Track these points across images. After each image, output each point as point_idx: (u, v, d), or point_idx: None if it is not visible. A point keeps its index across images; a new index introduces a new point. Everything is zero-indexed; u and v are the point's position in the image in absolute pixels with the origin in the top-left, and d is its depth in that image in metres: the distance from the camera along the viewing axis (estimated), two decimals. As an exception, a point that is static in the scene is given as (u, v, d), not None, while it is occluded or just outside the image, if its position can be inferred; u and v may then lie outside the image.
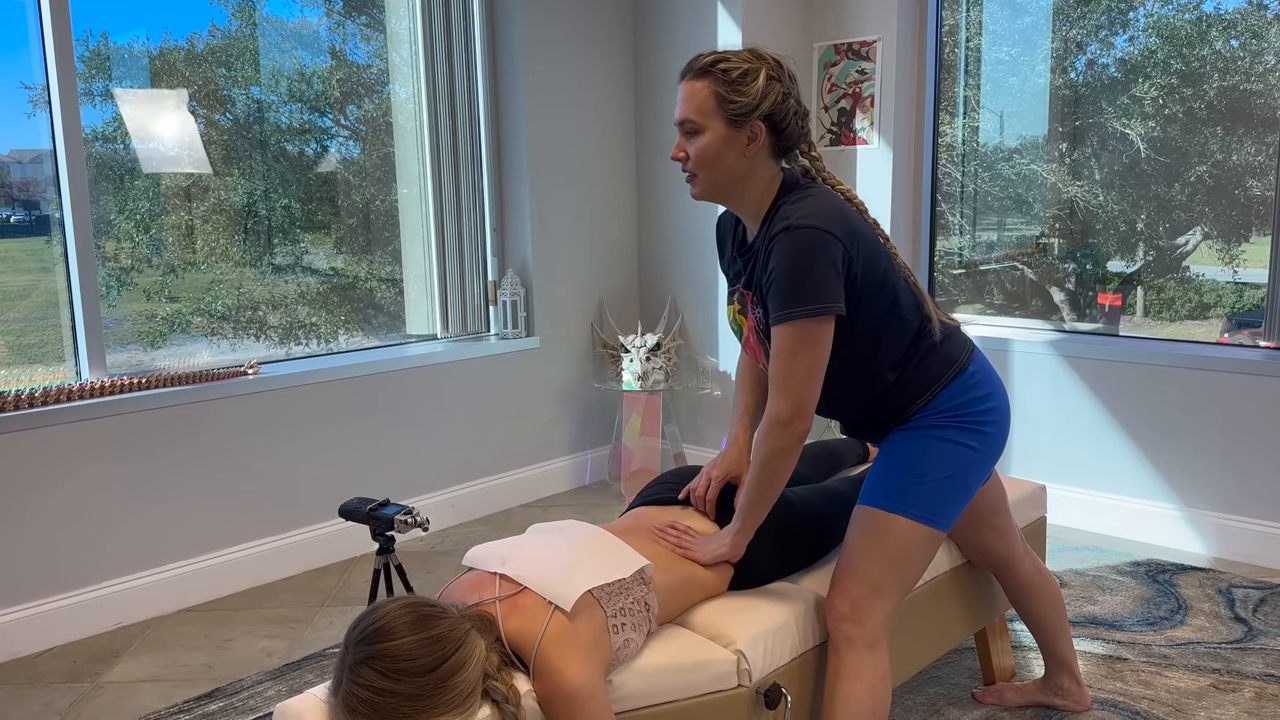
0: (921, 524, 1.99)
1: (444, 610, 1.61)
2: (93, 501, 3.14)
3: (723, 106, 1.88)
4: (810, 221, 1.84)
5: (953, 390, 2.02)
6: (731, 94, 1.87)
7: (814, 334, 1.85)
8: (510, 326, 4.25)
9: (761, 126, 1.90)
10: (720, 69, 1.88)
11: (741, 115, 1.88)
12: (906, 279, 2.04)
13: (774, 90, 1.89)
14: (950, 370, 2.03)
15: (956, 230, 4.38)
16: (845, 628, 1.98)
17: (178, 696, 2.75)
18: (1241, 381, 3.49)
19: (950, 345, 2.06)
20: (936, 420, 2.02)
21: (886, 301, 1.96)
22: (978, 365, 2.08)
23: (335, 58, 3.95)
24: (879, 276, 1.93)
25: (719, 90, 1.88)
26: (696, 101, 1.89)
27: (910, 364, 2.02)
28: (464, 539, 3.92)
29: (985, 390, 2.05)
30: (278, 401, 3.53)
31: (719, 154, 1.90)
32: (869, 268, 1.91)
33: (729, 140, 1.89)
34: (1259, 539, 3.50)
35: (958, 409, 2.02)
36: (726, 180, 1.94)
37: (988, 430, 2.04)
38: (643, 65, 4.53)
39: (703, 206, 4.36)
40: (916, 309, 2.02)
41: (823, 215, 1.85)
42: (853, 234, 1.87)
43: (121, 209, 3.48)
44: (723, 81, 1.88)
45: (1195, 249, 3.89)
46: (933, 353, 2.03)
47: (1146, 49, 3.84)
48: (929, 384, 2.02)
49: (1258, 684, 2.67)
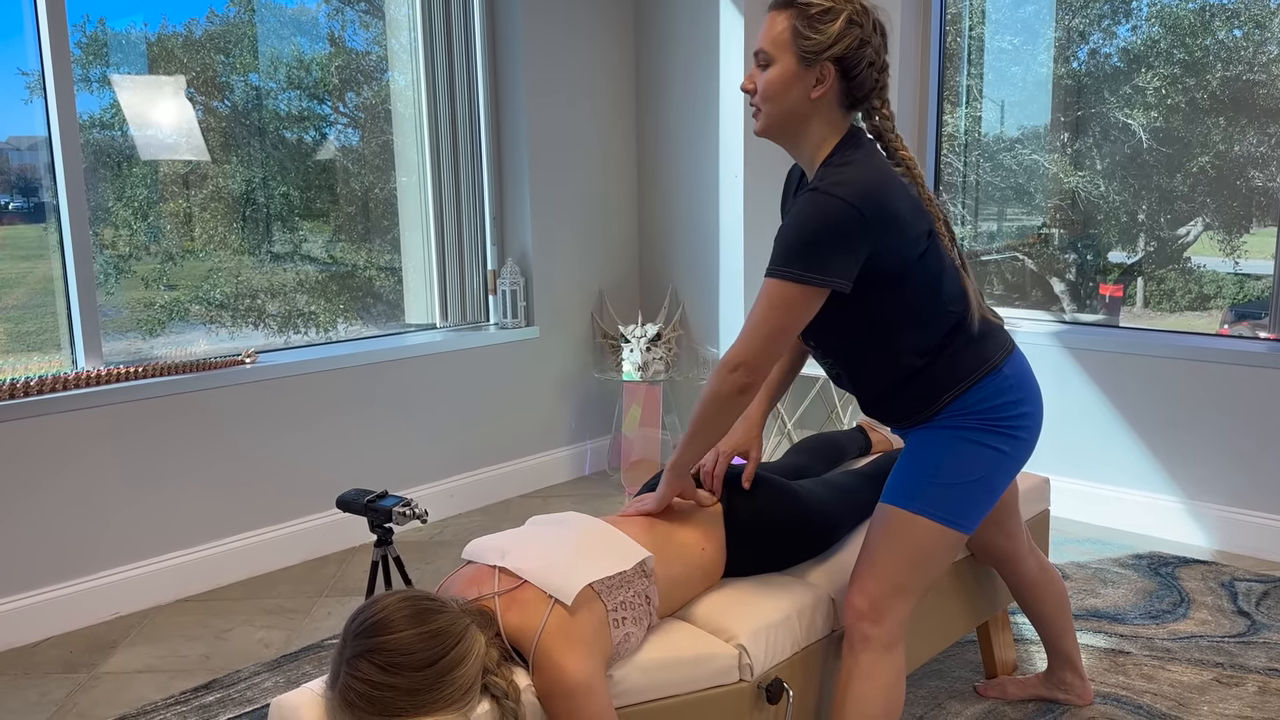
0: (946, 526, 1.94)
1: (443, 604, 1.60)
2: (89, 491, 3.13)
3: (796, 41, 1.83)
4: (839, 191, 1.78)
5: (984, 391, 1.96)
6: (808, 29, 1.82)
7: (793, 298, 1.80)
8: (510, 316, 4.23)
9: (832, 69, 1.84)
10: (803, 3, 1.84)
11: (813, 53, 1.83)
12: (955, 267, 1.98)
13: (851, 34, 1.83)
14: (983, 368, 1.96)
15: (958, 220, 4.36)
16: (863, 626, 1.95)
17: (175, 687, 2.74)
18: (1243, 373, 3.48)
19: (989, 343, 1.98)
20: (968, 421, 1.95)
21: (923, 284, 1.90)
22: (1014, 368, 2.00)
23: (334, 44, 3.92)
24: (913, 262, 1.87)
25: (796, 24, 1.83)
26: (774, 33, 1.85)
27: (943, 355, 1.95)
28: (463, 530, 3.91)
29: (1019, 394, 1.98)
30: (276, 391, 3.51)
31: (785, 90, 1.86)
32: (901, 250, 1.84)
33: (797, 77, 1.85)
34: (1262, 531, 3.49)
35: (990, 411, 1.95)
36: (788, 118, 1.89)
37: (1020, 435, 1.98)
38: (643, 52, 4.50)
39: (703, 198, 4.34)
40: (960, 299, 1.96)
41: (857, 188, 1.78)
42: (885, 214, 1.80)
43: (119, 196, 3.46)
44: (802, 16, 1.83)
45: (1196, 240, 3.88)
46: (968, 347, 1.96)
47: (1149, 38, 3.82)
48: (959, 379, 1.95)
49: (1261, 678, 2.66)
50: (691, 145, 4.37)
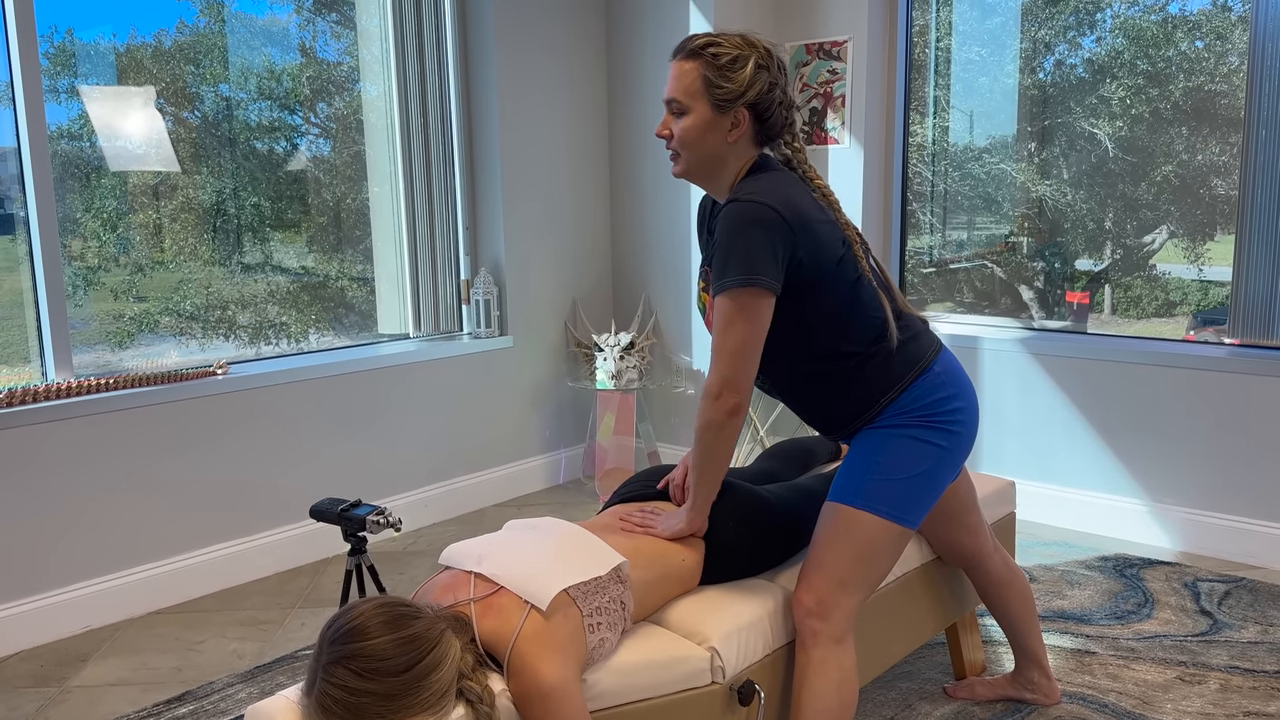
0: (889, 521, 2.00)
1: (419, 610, 1.61)
2: (59, 504, 3.11)
3: (709, 90, 1.90)
4: (755, 196, 1.85)
5: (918, 390, 2.03)
6: (719, 79, 1.89)
7: (746, 305, 1.85)
8: (483, 325, 4.24)
9: (746, 113, 1.92)
10: (710, 52, 1.90)
11: (727, 101, 1.90)
12: (873, 276, 2.04)
13: (761, 79, 1.91)
14: (914, 369, 2.03)
15: (927, 229, 4.41)
16: (811, 623, 1.99)
17: (147, 700, 2.73)
18: (1207, 378, 3.54)
19: (915, 345, 2.06)
20: (906, 419, 2.02)
21: (842, 294, 1.96)
22: (944, 365, 2.08)
23: (305, 55, 3.92)
24: (832, 266, 1.93)
25: (707, 74, 1.90)
26: (685, 83, 1.92)
27: (872, 361, 2.02)
28: (437, 539, 3.91)
29: (951, 390, 2.06)
30: (247, 402, 3.50)
31: (701, 136, 1.93)
32: (820, 254, 1.91)
33: (712, 124, 1.92)
34: (1224, 533, 3.55)
35: (926, 409, 2.02)
36: (706, 161, 1.96)
37: (955, 430, 2.05)
38: (615, 64, 4.53)
39: (676, 206, 4.37)
40: (879, 305, 2.02)
41: (770, 193, 1.87)
42: (800, 218, 1.88)
43: (88, 207, 3.44)
44: (712, 65, 1.90)
45: (1161, 247, 3.94)
46: (896, 351, 2.03)
47: (1114, 50, 3.89)
48: (893, 382, 2.02)
49: (1223, 675, 2.70)
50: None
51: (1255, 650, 2.85)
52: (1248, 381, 3.46)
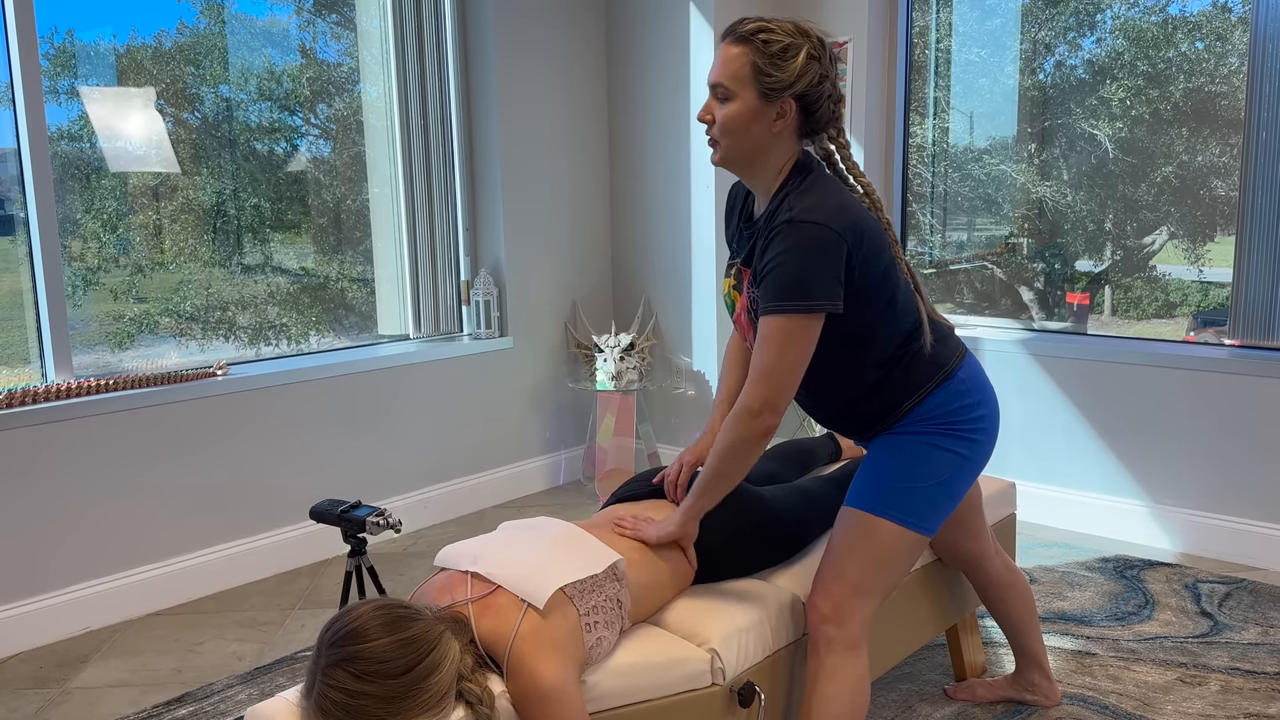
0: (908, 528, 1.97)
1: (418, 612, 1.60)
2: (59, 505, 3.10)
3: (758, 78, 1.83)
4: (813, 216, 1.79)
5: (942, 396, 1.99)
6: (769, 66, 1.82)
7: (802, 330, 1.81)
8: (483, 326, 4.24)
9: (793, 104, 1.85)
10: (762, 39, 1.83)
11: (775, 90, 1.83)
12: (907, 279, 2.01)
13: (812, 70, 1.85)
14: (939, 375, 2.00)
15: (927, 230, 4.41)
16: (826, 629, 1.98)
17: (146, 701, 2.73)
18: (1207, 379, 3.54)
19: (941, 349, 2.02)
20: (927, 426, 1.99)
21: (883, 300, 1.92)
22: (968, 372, 2.04)
23: (305, 56, 3.92)
24: (879, 274, 1.89)
25: (757, 61, 1.83)
26: (732, 68, 1.84)
27: (898, 365, 1.99)
28: (437, 540, 3.90)
29: (975, 398, 2.02)
30: (247, 403, 3.50)
31: (745, 125, 1.86)
32: (871, 265, 1.87)
33: (758, 113, 1.85)
34: (1224, 534, 3.55)
35: (948, 416, 1.99)
36: (748, 151, 1.89)
37: (977, 438, 2.02)
38: (615, 65, 4.53)
39: (676, 207, 4.37)
40: (912, 310, 1.99)
41: (827, 210, 1.81)
42: (856, 230, 1.83)
43: (88, 208, 3.44)
44: (762, 52, 1.83)
45: (1161, 248, 3.94)
46: (921, 356, 1.99)
47: (1113, 51, 3.88)
48: (916, 387, 1.99)
49: (1223, 677, 2.70)
50: (663, 156, 4.40)
51: (1256, 652, 2.84)
52: (1248, 383, 3.46)
